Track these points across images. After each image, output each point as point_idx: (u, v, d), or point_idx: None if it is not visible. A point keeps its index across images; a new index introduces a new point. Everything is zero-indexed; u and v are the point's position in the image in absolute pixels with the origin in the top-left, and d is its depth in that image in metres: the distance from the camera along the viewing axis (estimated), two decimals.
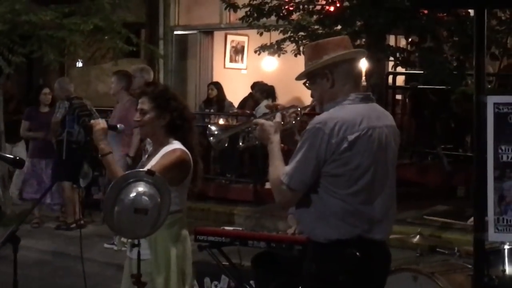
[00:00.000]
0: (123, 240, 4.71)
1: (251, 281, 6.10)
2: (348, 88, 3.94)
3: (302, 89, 4.32)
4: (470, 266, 5.22)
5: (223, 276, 6.54)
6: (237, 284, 6.16)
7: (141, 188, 3.99)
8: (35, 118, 10.96)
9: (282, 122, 4.12)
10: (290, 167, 3.85)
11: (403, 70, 12.47)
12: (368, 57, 9.29)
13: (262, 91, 12.40)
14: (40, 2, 11.81)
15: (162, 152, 4.65)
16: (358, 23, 10.29)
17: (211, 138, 4.32)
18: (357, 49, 4.30)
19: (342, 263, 3.84)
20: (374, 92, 5.69)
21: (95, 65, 15.37)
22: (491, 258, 5.13)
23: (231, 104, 13.43)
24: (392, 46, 11.38)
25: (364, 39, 10.26)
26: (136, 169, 4.44)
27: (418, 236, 6.02)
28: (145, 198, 3.98)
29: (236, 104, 13.65)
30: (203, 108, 13.42)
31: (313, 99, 4.15)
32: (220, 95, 13.28)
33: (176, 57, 15.61)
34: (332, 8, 10.37)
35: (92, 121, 4.77)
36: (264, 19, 10.95)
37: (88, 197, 11.31)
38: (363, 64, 9.48)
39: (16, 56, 11.13)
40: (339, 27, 10.22)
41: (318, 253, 3.91)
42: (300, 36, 10.71)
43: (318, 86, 3.99)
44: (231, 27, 14.77)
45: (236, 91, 14.22)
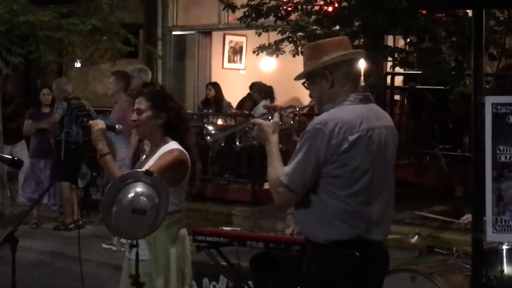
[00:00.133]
0: (122, 241, 4.71)
1: (250, 282, 6.10)
2: (348, 89, 3.94)
3: (301, 89, 4.32)
4: (468, 267, 5.23)
5: (222, 277, 6.55)
6: (236, 285, 6.16)
7: (139, 189, 3.98)
8: (37, 119, 10.97)
9: (280, 122, 4.10)
10: (290, 168, 3.84)
11: (401, 71, 12.47)
12: (366, 58, 9.26)
13: (261, 92, 12.41)
14: (38, 3, 11.81)
15: (160, 153, 4.65)
16: (356, 24, 10.29)
17: (208, 138, 4.32)
18: (357, 50, 4.29)
19: (342, 264, 3.84)
20: (372, 93, 5.67)
21: (93, 66, 15.35)
22: (489, 259, 5.13)
23: (230, 105, 13.44)
24: (390, 47, 11.37)
25: (362, 40, 10.25)
26: (134, 170, 4.44)
27: (416, 237, 6.03)
28: (143, 199, 3.97)
29: (235, 105, 13.65)
30: (201, 109, 13.41)
31: (312, 99, 4.14)
32: (218, 96, 13.27)
33: (174, 58, 15.61)
34: (330, 9, 10.36)
35: (91, 122, 4.77)
36: (263, 20, 10.94)
37: (86, 198, 11.29)
38: (362, 65, 9.47)
39: (14, 57, 11.13)
40: (337, 28, 10.21)
41: (318, 254, 3.90)
42: (299, 37, 10.71)
43: (318, 87, 3.98)
44: (230, 28, 14.76)
45: (235, 92, 14.21)
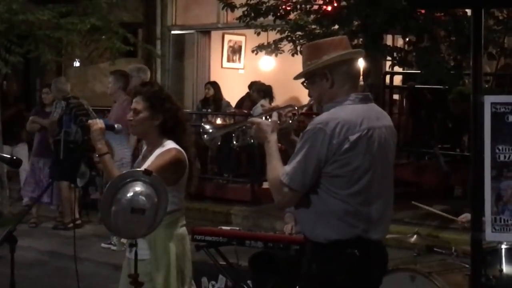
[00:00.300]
0: (123, 241, 4.70)
1: (248, 281, 6.11)
2: (347, 88, 3.93)
3: (300, 89, 4.32)
4: (468, 266, 5.23)
5: (221, 276, 6.54)
6: (234, 284, 6.15)
7: (138, 188, 3.98)
8: (41, 117, 10.96)
9: (279, 122, 4.09)
10: (291, 167, 3.83)
11: (401, 70, 12.47)
12: (366, 57, 9.26)
13: (260, 91, 12.40)
14: (37, 2, 11.80)
15: (157, 153, 4.64)
16: (355, 23, 10.29)
17: (205, 136, 4.32)
18: (357, 50, 4.28)
19: (342, 263, 3.84)
20: (372, 92, 5.68)
21: (92, 65, 15.35)
22: (489, 258, 5.13)
23: (229, 104, 13.44)
24: (389, 46, 11.37)
25: (362, 39, 10.25)
26: (133, 169, 4.43)
27: (416, 236, 6.02)
28: (142, 198, 3.97)
29: (234, 104, 13.65)
30: (200, 108, 13.42)
31: (311, 99, 4.14)
32: (217, 95, 13.28)
33: (173, 57, 15.62)
34: (330, 8, 10.37)
35: (90, 121, 4.75)
36: (261, 19, 10.94)
37: (86, 197, 11.29)
38: (361, 64, 9.46)
39: (13, 56, 11.13)
40: (336, 27, 10.22)
41: (318, 253, 3.90)
42: (298, 36, 10.71)
43: (317, 86, 3.97)
44: (228, 27, 14.77)
45: (234, 91, 14.21)
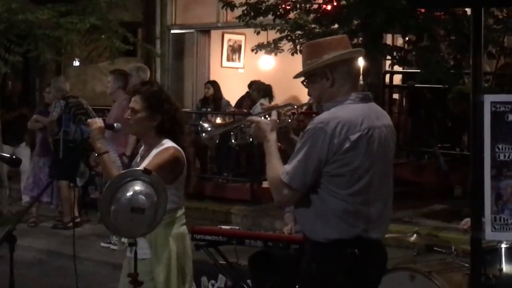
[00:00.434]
0: (124, 240, 4.70)
1: (248, 280, 6.10)
2: (348, 88, 3.93)
3: (299, 88, 4.32)
4: (467, 265, 5.22)
5: (220, 275, 6.54)
6: (234, 283, 6.15)
7: (138, 187, 3.98)
8: (44, 117, 10.95)
9: (278, 121, 4.09)
10: (291, 167, 3.82)
11: (400, 69, 12.47)
12: (365, 56, 9.27)
13: (259, 90, 12.39)
14: (37, 1, 11.80)
15: (155, 152, 4.63)
16: (355, 22, 10.29)
17: (203, 135, 4.31)
18: (357, 49, 4.28)
19: (342, 263, 3.83)
20: (371, 91, 5.68)
21: (92, 64, 15.35)
22: (488, 257, 5.12)
23: (228, 103, 13.43)
24: (389, 45, 11.37)
25: (361, 38, 10.25)
26: (133, 168, 4.43)
27: (415, 235, 6.02)
28: (142, 197, 3.96)
29: (233, 103, 13.64)
30: (200, 107, 13.40)
31: (311, 98, 4.13)
32: (217, 94, 13.26)
33: (173, 56, 15.61)
34: (329, 7, 10.37)
35: (89, 120, 4.75)
36: (261, 18, 10.94)
37: (85, 196, 11.29)
38: (360, 63, 9.46)
39: (13, 55, 11.12)
40: (336, 26, 10.21)
41: (318, 253, 3.89)
42: (297, 35, 10.71)
43: (318, 85, 3.96)
44: (228, 26, 14.76)
45: (233, 90, 14.20)
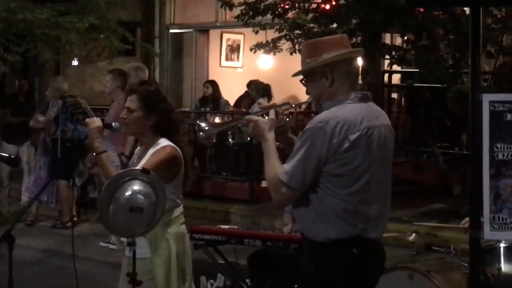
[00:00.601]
0: (123, 240, 4.70)
1: (247, 280, 6.10)
2: (347, 87, 3.93)
3: (298, 87, 4.31)
4: (466, 264, 5.22)
5: (219, 275, 6.54)
6: (233, 283, 6.15)
7: (137, 187, 3.98)
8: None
9: (276, 119, 4.09)
10: (290, 166, 3.81)
11: (399, 69, 12.48)
12: (364, 56, 9.26)
13: (258, 90, 12.39)
14: (36, 1, 11.82)
15: (152, 151, 4.62)
16: (354, 21, 10.29)
17: (200, 133, 4.31)
18: (357, 49, 4.29)
19: (341, 262, 3.83)
20: (370, 91, 5.69)
21: (91, 64, 15.36)
22: (487, 257, 5.12)
23: (227, 103, 13.42)
24: (388, 44, 11.38)
25: (360, 38, 10.26)
26: (131, 168, 4.43)
27: (414, 234, 6.02)
28: (141, 197, 3.96)
29: (232, 103, 13.64)
30: (199, 107, 13.39)
31: (309, 97, 4.13)
32: (216, 94, 13.26)
33: (172, 56, 15.61)
34: (328, 7, 10.37)
35: (87, 120, 4.74)
36: (260, 18, 10.95)
37: (84, 196, 11.29)
38: (359, 63, 9.47)
39: (12, 55, 11.13)
40: (335, 25, 10.22)
41: (317, 253, 3.89)
42: (296, 35, 10.72)
43: (317, 84, 3.95)
44: (227, 26, 14.77)
45: (232, 90, 14.20)
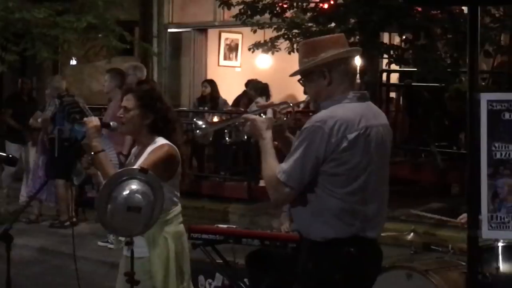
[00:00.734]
0: (120, 239, 4.70)
1: (245, 279, 6.09)
2: (345, 87, 3.93)
3: (296, 87, 4.31)
4: (464, 264, 5.22)
5: (217, 274, 6.53)
6: (231, 282, 6.15)
7: (134, 186, 3.97)
8: None
9: (274, 118, 4.09)
10: (288, 165, 3.81)
11: (397, 68, 12.48)
12: (362, 55, 9.28)
13: (256, 89, 12.38)
14: (34, 0, 11.79)
15: (149, 150, 4.62)
16: (352, 21, 10.30)
17: (197, 131, 4.31)
18: (355, 48, 4.28)
19: (339, 262, 3.83)
20: (368, 90, 5.68)
21: (89, 63, 15.34)
22: (485, 256, 5.13)
23: (225, 102, 13.42)
24: (386, 44, 11.38)
25: (358, 37, 10.27)
26: (129, 167, 4.42)
27: (412, 234, 6.02)
28: (138, 196, 3.96)
29: (230, 102, 13.64)
30: (197, 106, 13.40)
31: (307, 96, 4.13)
32: (214, 93, 13.26)
33: (170, 55, 15.61)
34: (326, 6, 10.38)
35: (85, 119, 4.74)
36: (258, 17, 10.95)
37: (82, 195, 11.28)
38: (357, 62, 9.48)
39: (10, 54, 11.12)
40: (333, 25, 10.22)
41: (314, 252, 3.89)
42: (294, 34, 10.72)
43: (314, 84, 3.95)
44: (225, 25, 14.76)
45: (230, 89, 14.20)
